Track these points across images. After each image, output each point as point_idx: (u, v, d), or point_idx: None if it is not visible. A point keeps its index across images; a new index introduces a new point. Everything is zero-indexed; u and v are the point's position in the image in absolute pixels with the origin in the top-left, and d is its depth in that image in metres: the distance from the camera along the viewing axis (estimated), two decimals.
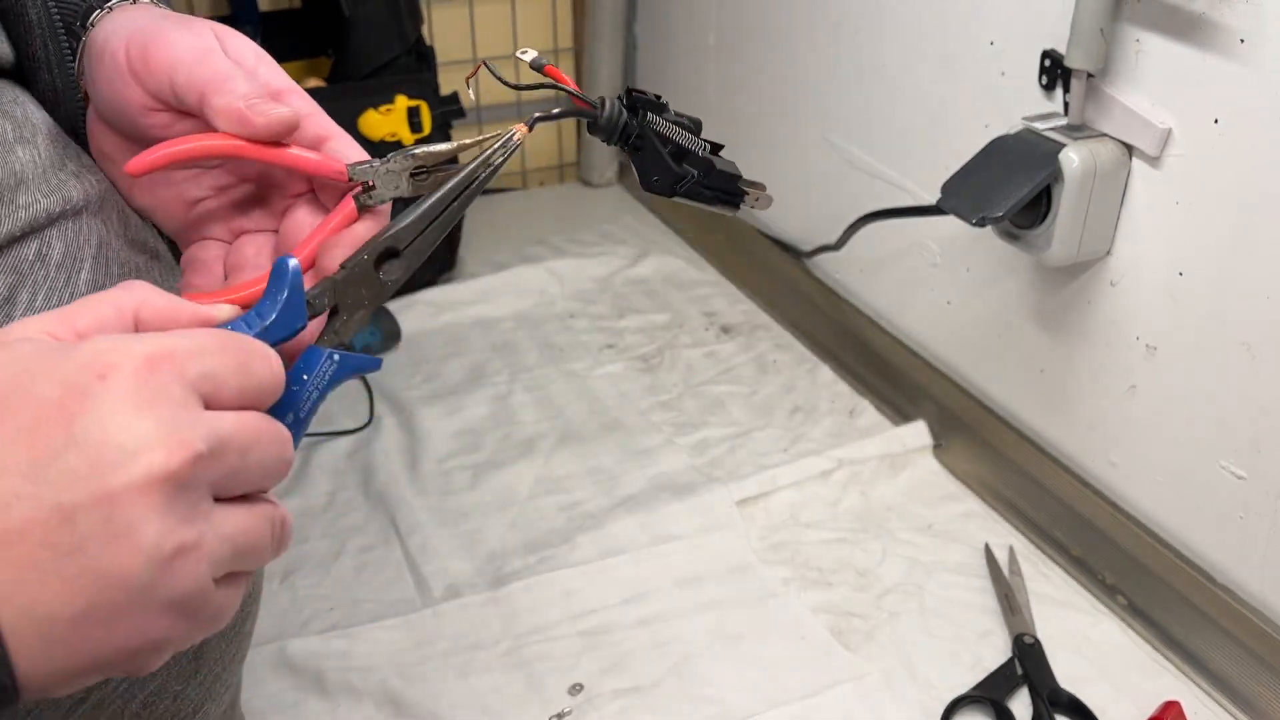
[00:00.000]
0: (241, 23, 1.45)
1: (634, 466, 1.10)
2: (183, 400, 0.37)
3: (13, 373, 0.36)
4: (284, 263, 0.45)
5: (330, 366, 0.46)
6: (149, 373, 0.36)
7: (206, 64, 0.49)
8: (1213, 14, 0.78)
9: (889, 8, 1.11)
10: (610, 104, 0.54)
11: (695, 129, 0.57)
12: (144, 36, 0.50)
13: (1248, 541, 0.85)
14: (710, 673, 0.88)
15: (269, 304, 0.44)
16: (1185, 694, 0.85)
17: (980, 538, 1.01)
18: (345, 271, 0.48)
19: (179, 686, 0.57)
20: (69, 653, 0.35)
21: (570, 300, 1.40)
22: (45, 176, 0.53)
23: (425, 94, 1.40)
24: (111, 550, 0.35)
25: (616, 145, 0.55)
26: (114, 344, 0.37)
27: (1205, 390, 0.86)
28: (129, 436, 0.35)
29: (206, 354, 0.38)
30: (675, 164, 0.56)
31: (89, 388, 0.35)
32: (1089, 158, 0.85)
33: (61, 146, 0.55)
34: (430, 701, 0.85)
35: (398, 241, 0.48)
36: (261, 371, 0.40)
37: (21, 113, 0.55)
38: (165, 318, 0.41)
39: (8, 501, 0.34)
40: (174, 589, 0.36)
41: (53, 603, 0.35)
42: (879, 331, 1.21)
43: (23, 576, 0.34)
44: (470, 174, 0.50)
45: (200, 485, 0.37)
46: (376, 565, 0.99)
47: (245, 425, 0.39)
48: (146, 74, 0.50)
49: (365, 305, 0.48)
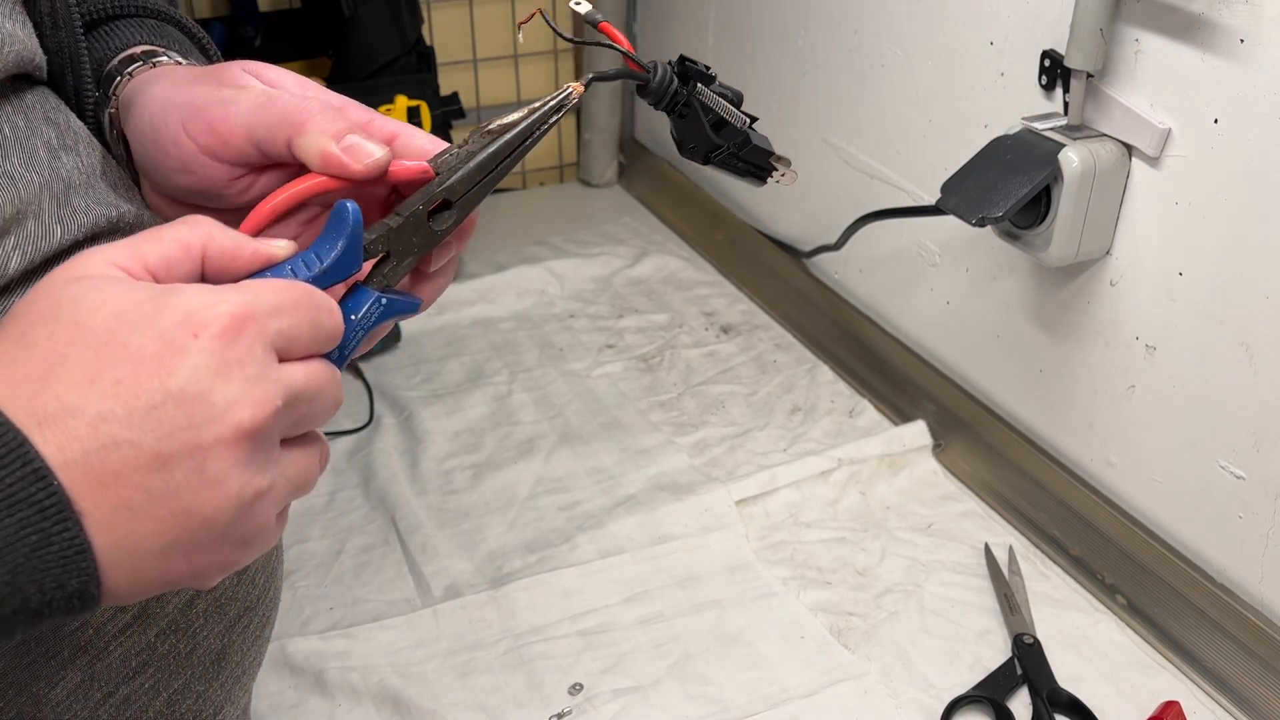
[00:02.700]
0: (241, 23, 1.45)
1: (633, 466, 1.11)
2: (264, 359, 0.40)
3: (104, 320, 0.39)
4: (344, 207, 0.47)
5: (377, 309, 0.48)
6: (236, 333, 0.39)
7: (272, 108, 0.49)
8: (1212, 14, 0.78)
9: (889, 8, 1.11)
10: (662, 69, 0.55)
11: (737, 102, 0.58)
12: (198, 112, 0.50)
13: (1247, 541, 0.85)
14: (709, 672, 0.88)
15: (327, 247, 0.46)
16: (1184, 694, 0.85)
17: (979, 537, 1.01)
18: (401, 219, 0.49)
19: (201, 687, 0.58)
20: (150, 575, 0.40)
21: (570, 300, 1.40)
22: (90, 184, 0.54)
23: (425, 94, 1.40)
24: (202, 496, 0.39)
25: (662, 110, 0.56)
26: (202, 302, 0.40)
27: (1204, 390, 0.86)
28: (219, 395, 0.39)
29: (283, 313, 0.42)
30: (714, 134, 0.57)
31: (184, 346, 0.39)
32: (1089, 158, 0.85)
33: (100, 156, 0.56)
34: (430, 701, 0.85)
35: (451, 193, 0.50)
36: (327, 324, 0.44)
37: (64, 120, 0.55)
38: (230, 255, 0.44)
39: (107, 446, 0.38)
40: (248, 528, 0.41)
41: (144, 538, 0.39)
42: (879, 331, 1.21)
43: (119, 514, 0.38)
44: (525, 130, 0.50)
45: (275, 435, 0.41)
46: (376, 565, 0.99)
47: (312, 376, 0.43)
48: (224, 147, 0.50)
49: (415, 252, 0.50)
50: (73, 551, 0.37)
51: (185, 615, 0.55)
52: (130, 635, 0.52)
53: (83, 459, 0.37)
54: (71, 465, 0.37)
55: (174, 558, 0.40)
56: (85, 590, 0.38)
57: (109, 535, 0.38)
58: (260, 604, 0.62)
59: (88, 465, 0.37)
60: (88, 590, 0.38)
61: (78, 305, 0.39)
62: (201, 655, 0.57)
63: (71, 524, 0.37)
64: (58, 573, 0.37)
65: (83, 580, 0.38)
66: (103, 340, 0.38)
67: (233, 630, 0.59)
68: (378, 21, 1.39)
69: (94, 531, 0.38)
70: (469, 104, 1.62)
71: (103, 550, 0.38)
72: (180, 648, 0.55)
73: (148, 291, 0.40)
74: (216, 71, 0.53)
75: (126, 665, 0.53)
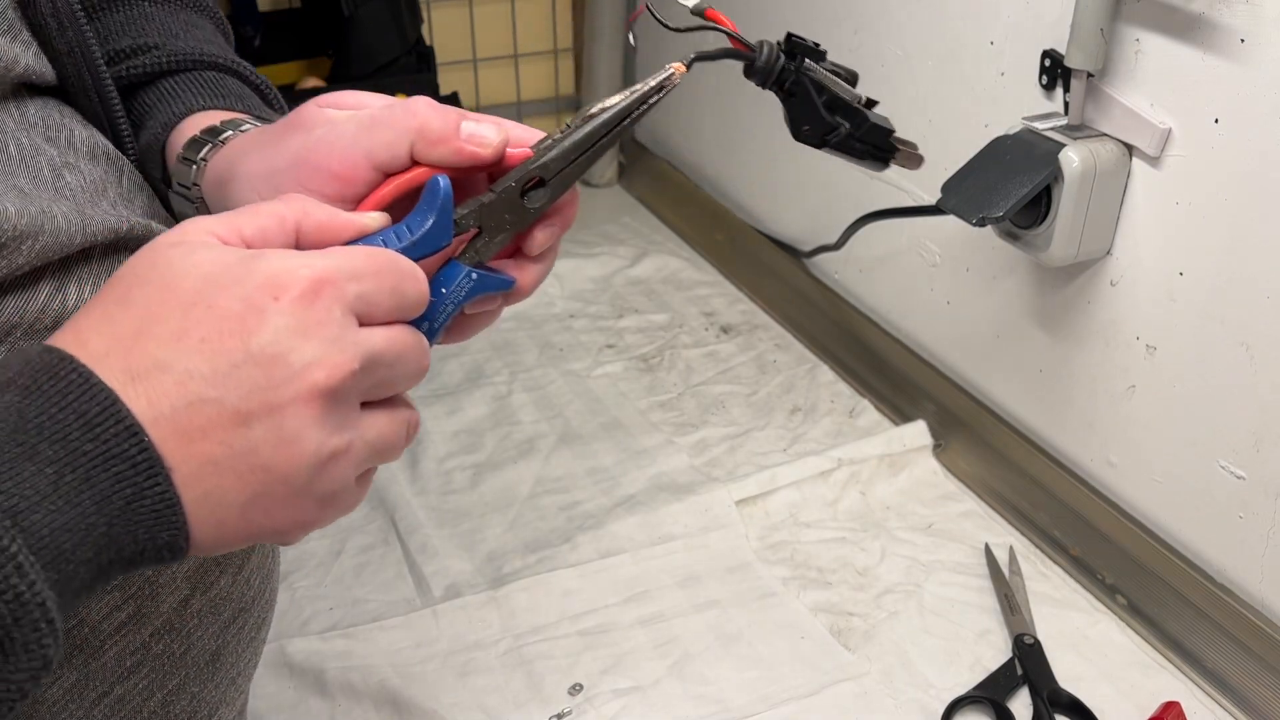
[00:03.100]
0: (241, 23, 1.45)
1: (633, 466, 1.10)
2: (342, 321, 0.42)
3: (194, 282, 0.40)
4: (436, 182, 0.47)
5: (468, 283, 0.49)
6: (315, 296, 0.41)
7: (381, 127, 0.49)
8: (1212, 14, 0.78)
9: (889, 7, 1.11)
10: (768, 48, 0.54)
11: (852, 81, 0.55)
12: (310, 165, 0.50)
13: (1247, 541, 0.85)
14: (709, 672, 0.88)
15: (418, 220, 0.47)
16: (1185, 694, 0.85)
17: (980, 537, 1.01)
18: (494, 195, 0.49)
19: (196, 688, 0.58)
20: (233, 529, 0.42)
21: (570, 300, 1.40)
22: (94, 202, 0.54)
23: (425, 94, 1.40)
24: (280, 453, 0.41)
25: (771, 89, 0.54)
26: (284, 265, 0.41)
27: (1204, 390, 0.86)
28: (297, 355, 0.40)
29: (363, 277, 0.43)
30: (828, 114, 0.55)
31: (265, 307, 0.40)
32: (1089, 158, 0.85)
33: (103, 170, 0.56)
34: (430, 701, 0.85)
35: (545, 171, 0.50)
36: (410, 291, 0.45)
37: (64, 137, 0.56)
38: (324, 228, 0.45)
39: (193, 403, 0.39)
40: (326, 486, 0.42)
41: (228, 492, 0.40)
42: (879, 331, 1.21)
43: (204, 469, 0.40)
44: (624, 110, 0.50)
45: (353, 397, 0.43)
46: (376, 565, 0.99)
47: (393, 341, 0.44)
48: (349, 185, 0.50)
49: (508, 229, 0.50)
50: (163, 505, 0.39)
51: (180, 615, 0.55)
52: (125, 634, 0.52)
53: (171, 414, 0.39)
54: (161, 420, 0.39)
55: (255, 512, 0.41)
56: (175, 542, 0.40)
57: (195, 489, 0.40)
58: (256, 605, 0.62)
59: (175, 420, 0.39)
60: (176, 542, 0.40)
61: (171, 267, 0.41)
62: (196, 656, 0.57)
63: (162, 479, 0.39)
64: (150, 524, 0.39)
65: (173, 533, 0.40)
66: (191, 301, 0.40)
67: (228, 631, 0.59)
68: (377, 21, 1.39)
69: (182, 486, 0.40)
70: (469, 104, 1.62)
71: (190, 504, 0.40)
72: (175, 648, 0.55)
73: (236, 256, 0.41)
74: (299, 119, 0.52)
75: (121, 665, 0.53)
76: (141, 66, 0.63)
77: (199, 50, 0.64)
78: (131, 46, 0.64)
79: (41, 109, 0.56)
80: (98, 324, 0.41)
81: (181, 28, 0.67)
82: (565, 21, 1.68)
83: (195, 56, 0.64)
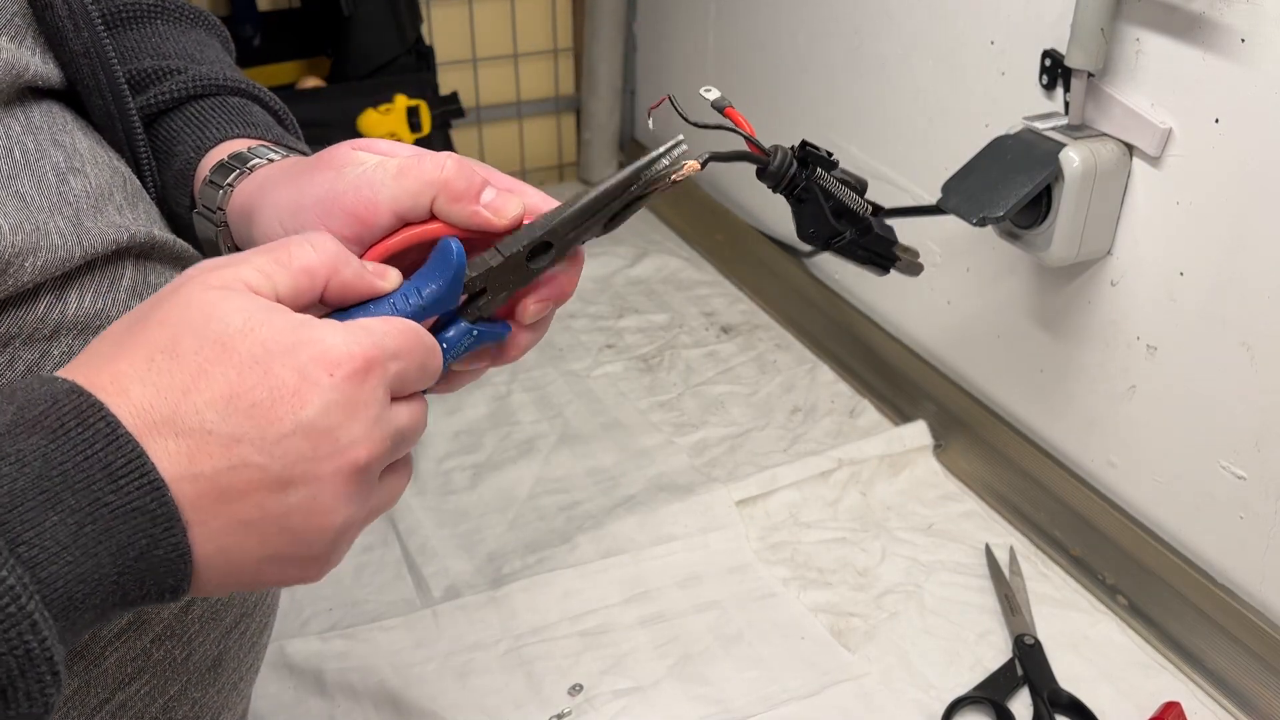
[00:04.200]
0: (241, 22, 1.45)
1: (633, 466, 1.10)
2: (383, 401, 0.44)
3: (249, 346, 0.41)
4: (449, 247, 0.49)
5: (469, 340, 0.50)
6: (366, 375, 0.43)
7: (409, 178, 0.50)
8: (1212, 14, 0.78)
9: (889, 8, 1.11)
10: (782, 154, 0.55)
11: (861, 189, 0.57)
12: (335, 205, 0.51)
13: (1248, 541, 0.85)
14: (710, 673, 0.88)
15: (428, 283, 0.48)
16: (1185, 694, 0.85)
17: (980, 538, 1.01)
18: (502, 259, 0.50)
19: (198, 693, 0.58)
20: (239, 580, 0.43)
21: (570, 300, 1.40)
22: (99, 207, 0.54)
23: (425, 93, 1.40)
24: (310, 521, 0.42)
25: (781, 193, 0.55)
26: (338, 340, 0.42)
27: (1205, 390, 0.86)
28: (344, 433, 0.42)
29: (402, 358, 0.45)
30: (835, 220, 0.57)
31: (319, 381, 0.41)
32: (1089, 157, 0.85)
33: (109, 175, 0.56)
34: (430, 702, 0.85)
35: (553, 236, 0.51)
36: (432, 366, 0.47)
37: (71, 141, 0.56)
38: (348, 287, 0.47)
39: (235, 466, 0.40)
40: (338, 551, 0.45)
41: (248, 550, 0.42)
42: (879, 331, 1.21)
43: (233, 526, 0.41)
44: (628, 179, 0.51)
45: (378, 471, 0.45)
46: (376, 565, 0.99)
47: (414, 415, 0.46)
48: (368, 229, 0.50)
49: (510, 288, 0.51)
50: (175, 555, 0.40)
51: (180, 621, 0.55)
52: (125, 641, 0.52)
53: (212, 475, 0.40)
54: (201, 479, 0.40)
55: (268, 568, 0.43)
56: (178, 587, 0.41)
57: (214, 544, 0.41)
58: (258, 610, 0.62)
59: (216, 481, 0.40)
60: (180, 587, 0.41)
61: (226, 324, 0.41)
62: (197, 661, 0.57)
63: (178, 532, 0.40)
64: (160, 573, 0.40)
65: (178, 579, 0.41)
66: (246, 364, 0.41)
67: (229, 636, 0.59)
68: (377, 21, 1.39)
69: (199, 540, 0.41)
70: (468, 103, 1.62)
71: (203, 557, 0.41)
72: (175, 654, 0.55)
73: (287, 322, 0.42)
74: (330, 158, 0.53)
75: (122, 671, 0.53)
76: (169, 92, 0.64)
77: (222, 75, 0.65)
78: (154, 68, 0.65)
79: (46, 114, 0.56)
80: (143, 373, 0.40)
81: (195, 48, 0.68)
82: (565, 21, 1.68)
83: (219, 82, 0.65)
